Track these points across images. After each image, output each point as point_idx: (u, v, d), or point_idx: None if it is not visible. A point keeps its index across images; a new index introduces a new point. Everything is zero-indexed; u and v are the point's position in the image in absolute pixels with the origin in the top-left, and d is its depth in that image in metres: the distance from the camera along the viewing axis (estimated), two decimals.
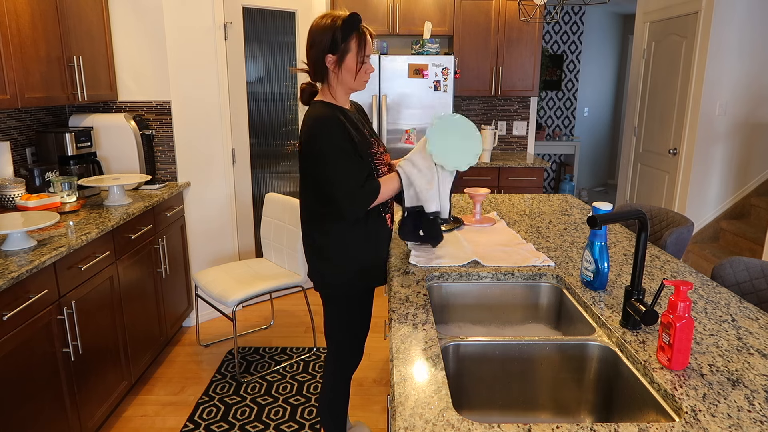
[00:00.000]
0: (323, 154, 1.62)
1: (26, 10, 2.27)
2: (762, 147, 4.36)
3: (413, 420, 0.97)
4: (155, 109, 3.19)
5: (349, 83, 1.72)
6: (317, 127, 1.63)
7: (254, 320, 3.56)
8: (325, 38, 1.65)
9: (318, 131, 1.63)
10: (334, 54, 1.66)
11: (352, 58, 1.67)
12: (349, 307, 1.86)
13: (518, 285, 1.69)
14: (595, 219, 1.26)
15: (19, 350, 1.78)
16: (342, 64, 1.67)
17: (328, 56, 1.66)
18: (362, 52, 1.67)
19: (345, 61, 1.67)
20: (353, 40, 1.65)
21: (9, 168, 2.59)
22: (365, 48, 1.68)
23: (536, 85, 4.22)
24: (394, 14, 4.03)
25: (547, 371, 1.36)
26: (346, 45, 1.65)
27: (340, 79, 1.70)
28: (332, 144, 1.62)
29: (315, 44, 1.67)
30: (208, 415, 2.53)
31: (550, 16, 6.02)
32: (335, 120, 1.64)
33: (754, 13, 4.06)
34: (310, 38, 1.68)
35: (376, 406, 2.61)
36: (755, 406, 1.01)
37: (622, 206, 3.00)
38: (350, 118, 1.74)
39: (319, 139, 1.62)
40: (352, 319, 1.89)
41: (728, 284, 1.80)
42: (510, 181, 4.10)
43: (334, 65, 1.68)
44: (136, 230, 2.64)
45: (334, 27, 1.64)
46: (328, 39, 1.64)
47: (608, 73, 7.36)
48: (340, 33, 1.64)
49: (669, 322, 1.12)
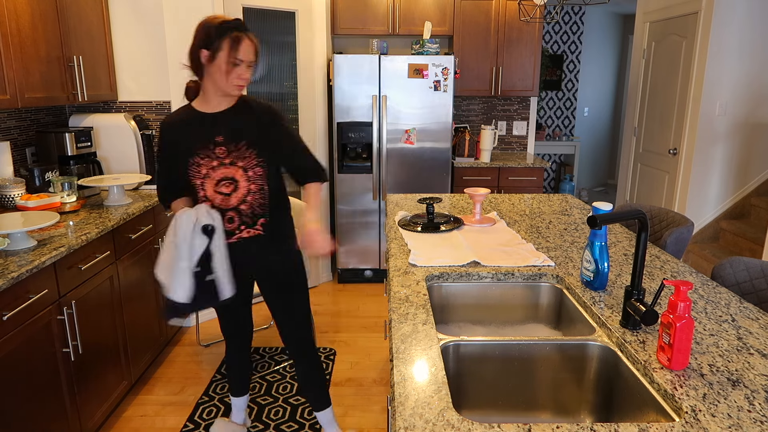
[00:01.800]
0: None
1: (26, 10, 2.27)
2: (762, 147, 4.36)
3: (413, 420, 0.97)
4: (155, 109, 3.19)
5: (219, 83, 1.75)
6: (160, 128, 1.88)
7: (254, 320, 3.56)
8: (201, 33, 1.72)
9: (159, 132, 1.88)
10: (207, 49, 1.71)
11: (223, 56, 1.70)
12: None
13: (518, 285, 1.69)
14: (595, 219, 1.26)
15: (19, 350, 1.78)
16: (213, 61, 1.71)
17: (203, 51, 1.72)
18: (234, 53, 1.71)
19: (216, 59, 1.71)
20: (226, 40, 1.70)
21: (9, 168, 2.59)
22: (238, 51, 1.71)
23: (536, 85, 4.22)
24: (394, 14, 4.03)
25: (547, 371, 1.36)
26: (219, 43, 1.70)
27: (211, 77, 1.75)
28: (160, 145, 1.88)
29: (194, 37, 1.75)
30: (208, 415, 2.52)
31: (550, 16, 6.02)
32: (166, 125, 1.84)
33: (754, 13, 4.06)
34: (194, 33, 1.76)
35: (376, 406, 2.61)
36: (755, 406, 1.01)
37: (622, 206, 3.00)
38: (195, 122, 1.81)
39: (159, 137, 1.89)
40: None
41: (728, 284, 1.80)
42: (510, 181, 4.11)
43: (207, 60, 1.72)
44: (136, 230, 2.64)
45: (210, 24, 1.71)
46: (202, 34, 1.72)
47: (608, 73, 7.36)
48: (215, 30, 1.70)
49: (669, 322, 1.12)
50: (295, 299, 2.03)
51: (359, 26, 4.05)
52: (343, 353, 3.10)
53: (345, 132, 3.87)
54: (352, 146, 3.96)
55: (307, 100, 3.88)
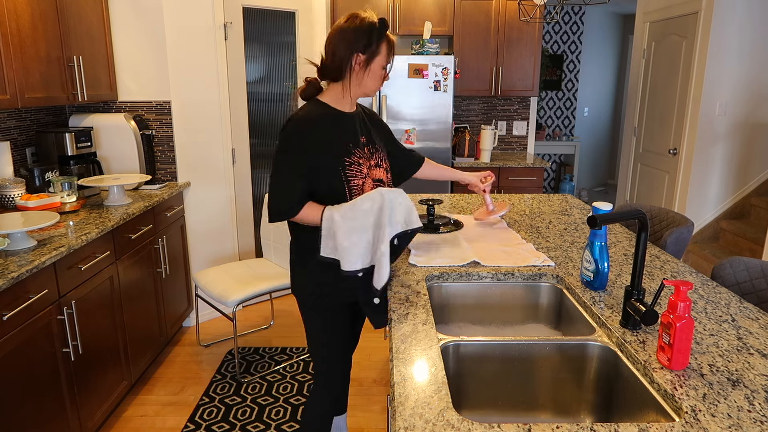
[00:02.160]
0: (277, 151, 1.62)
1: (26, 10, 2.27)
2: (762, 147, 4.36)
3: (413, 420, 0.97)
4: (155, 109, 3.19)
5: (367, 87, 1.68)
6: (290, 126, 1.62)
7: (254, 320, 3.56)
8: (358, 37, 1.62)
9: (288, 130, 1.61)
10: (364, 54, 1.63)
11: (380, 61, 1.66)
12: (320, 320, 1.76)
13: (518, 285, 1.69)
14: (595, 219, 1.26)
15: (19, 350, 1.78)
16: (369, 65, 1.65)
17: (358, 55, 1.63)
18: (390, 58, 1.68)
19: (372, 63, 1.65)
20: (384, 44, 1.65)
21: (9, 168, 2.59)
22: (392, 55, 1.69)
23: (536, 85, 4.22)
24: (394, 14, 4.03)
25: (547, 371, 1.36)
26: (378, 47, 1.64)
27: (361, 80, 1.67)
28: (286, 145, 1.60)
29: (344, 41, 1.63)
30: (208, 416, 2.52)
31: (550, 16, 6.02)
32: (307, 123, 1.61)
33: (754, 13, 4.06)
34: (339, 34, 1.64)
35: (376, 406, 2.61)
36: (755, 406, 1.01)
37: (622, 206, 3.00)
38: (342, 122, 1.68)
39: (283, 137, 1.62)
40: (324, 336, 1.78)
41: (728, 284, 1.80)
42: (510, 181, 4.10)
43: (361, 65, 1.64)
44: (136, 230, 2.64)
45: (371, 27, 1.62)
46: (362, 38, 1.62)
47: (608, 73, 7.36)
48: (376, 34, 1.63)
49: (669, 322, 1.12)
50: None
51: None
52: None
53: None
54: None
55: None
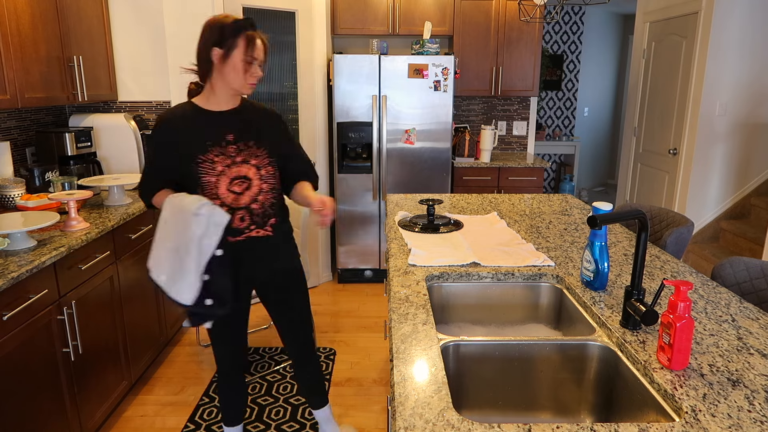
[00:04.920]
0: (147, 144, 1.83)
1: (26, 10, 2.27)
2: (762, 147, 4.36)
3: (413, 420, 0.97)
4: (155, 109, 3.19)
5: (233, 82, 1.71)
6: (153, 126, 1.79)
7: (254, 320, 3.56)
8: (213, 31, 1.68)
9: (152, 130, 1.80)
10: (221, 48, 1.67)
11: (239, 55, 1.68)
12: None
13: (518, 285, 1.69)
14: (595, 219, 1.26)
15: (19, 350, 1.78)
16: (227, 59, 1.68)
17: (214, 50, 1.68)
18: (250, 51, 1.69)
19: (231, 57, 1.68)
20: (242, 38, 1.67)
21: (9, 168, 2.59)
22: (253, 50, 1.70)
23: (536, 85, 4.22)
24: (394, 14, 4.03)
25: (547, 371, 1.36)
26: (235, 41, 1.67)
27: (224, 76, 1.71)
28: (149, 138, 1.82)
29: (203, 36, 1.70)
30: (208, 416, 2.52)
31: (550, 16, 6.02)
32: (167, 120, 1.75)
33: (755, 13, 4.06)
34: (201, 36, 1.71)
35: (376, 406, 2.61)
36: (755, 406, 1.01)
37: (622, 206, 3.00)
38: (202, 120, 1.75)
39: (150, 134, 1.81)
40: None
41: (728, 284, 1.80)
42: (510, 181, 4.10)
43: (219, 60, 1.69)
44: (136, 230, 2.64)
45: (224, 23, 1.67)
46: (216, 32, 1.67)
47: (608, 73, 7.36)
48: (230, 29, 1.67)
49: (669, 322, 1.12)
50: (297, 301, 2.01)
51: (359, 26, 4.05)
52: (343, 353, 3.10)
53: (345, 132, 3.87)
54: (352, 146, 3.96)
55: (307, 100, 3.88)
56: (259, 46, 1.72)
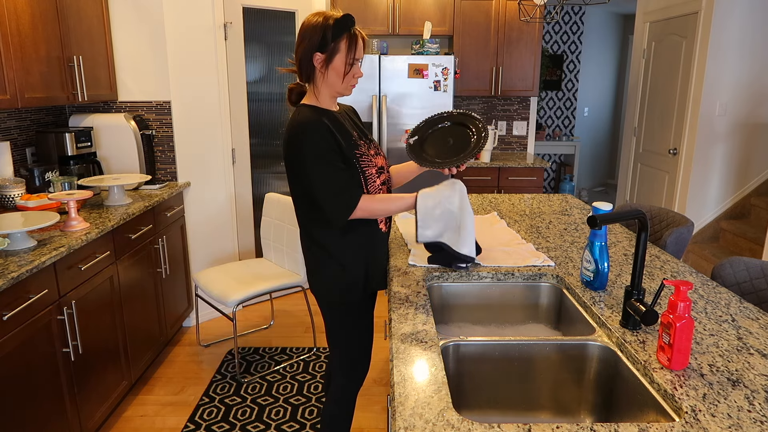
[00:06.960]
0: (307, 159, 1.59)
1: (26, 10, 2.27)
2: (762, 147, 4.36)
3: (413, 420, 0.97)
4: (155, 109, 3.19)
5: (336, 86, 1.66)
6: (302, 132, 1.59)
7: (254, 320, 3.56)
8: (315, 36, 1.61)
9: (303, 137, 1.59)
10: (322, 53, 1.61)
11: (341, 59, 1.62)
12: (348, 315, 1.77)
13: (518, 285, 1.69)
14: (595, 219, 1.26)
15: (19, 350, 1.78)
16: (330, 64, 1.62)
17: (317, 55, 1.62)
18: (352, 54, 1.63)
19: (333, 62, 1.62)
20: (343, 41, 1.61)
21: (9, 168, 2.59)
22: (356, 51, 1.64)
23: (536, 85, 4.22)
24: (394, 14, 4.03)
25: (547, 371, 1.36)
26: (336, 45, 1.61)
27: (327, 80, 1.65)
28: (315, 150, 1.58)
29: (304, 41, 1.63)
30: (208, 416, 2.52)
31: (550, 16, 6.02)
32: (320, 124, 1.60)
33: (755, 13, 4.06)
34: (300, 35, 1.64)
35: (376, 406, 2.61)
36: (755, 406, 1.01)
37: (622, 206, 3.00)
38: (337, 120, 1.68)
39: (303, 144, 1.59)
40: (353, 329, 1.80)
41: (728, 284, 1.80)
42: (510, 181, 4.10)
43: (321, 65, 1.63)
44: (136, 230, 2.64)
45: (325, 25, 1.60)
46: (318, 37, 1.60)
47: (608, 73, 7.36)
48: (331, 32, 1.60)
49: (669, 322, 1.12)
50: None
51: (359, 26, 4.02)
52: None
53: None
54: None
55: None
56: (360, 45, 1.66)
